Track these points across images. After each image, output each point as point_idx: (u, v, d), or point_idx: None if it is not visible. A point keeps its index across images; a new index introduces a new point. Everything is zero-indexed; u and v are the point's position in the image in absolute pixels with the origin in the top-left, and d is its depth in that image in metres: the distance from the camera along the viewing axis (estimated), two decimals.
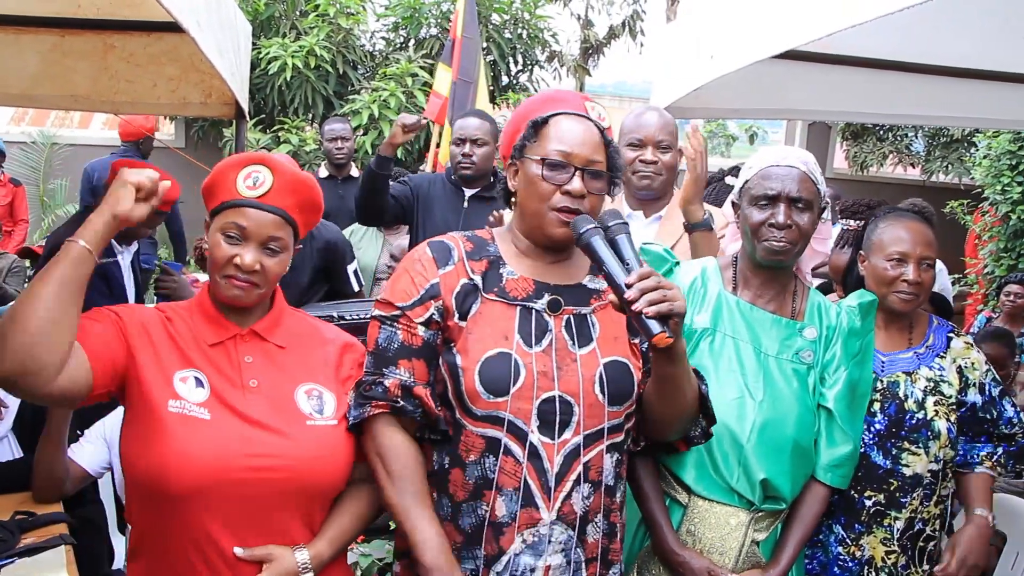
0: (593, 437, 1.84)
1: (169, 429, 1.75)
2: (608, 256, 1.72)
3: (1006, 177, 7.62)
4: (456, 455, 1.84)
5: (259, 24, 8.32)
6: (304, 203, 1.92)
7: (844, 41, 3.26)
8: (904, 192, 9.46)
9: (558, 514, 1.82)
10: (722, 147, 16.28)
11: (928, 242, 2.44)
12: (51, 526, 2.56)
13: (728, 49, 3.02)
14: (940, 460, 2.41)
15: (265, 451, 1.79)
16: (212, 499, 1.76)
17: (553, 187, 1.82)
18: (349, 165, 5.88)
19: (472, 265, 1.89)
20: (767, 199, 2.18)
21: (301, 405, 1.88)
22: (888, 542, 2.39)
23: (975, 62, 3.84)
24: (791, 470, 2.18)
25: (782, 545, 2.21)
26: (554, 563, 1.83)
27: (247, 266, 1.82)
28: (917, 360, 2.48)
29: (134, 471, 1.80)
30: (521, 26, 8.95)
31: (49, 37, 4.03)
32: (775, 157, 2.23)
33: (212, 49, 3.08)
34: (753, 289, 2.27)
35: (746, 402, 2.16)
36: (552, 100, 1.91)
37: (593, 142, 1.85)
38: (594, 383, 1.84)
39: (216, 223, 1.86)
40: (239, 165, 1.87)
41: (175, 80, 4.20)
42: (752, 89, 3.74)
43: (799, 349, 2.23)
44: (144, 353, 1.81)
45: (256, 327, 1.92)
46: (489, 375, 1.79)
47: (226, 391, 1.83)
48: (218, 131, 8.69)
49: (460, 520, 1.84)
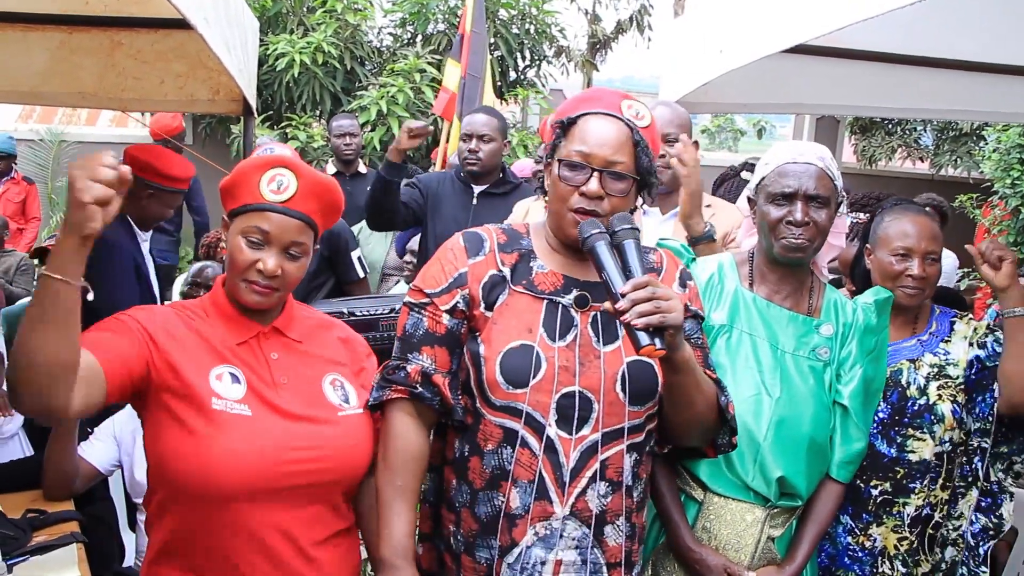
0: (612, 436, 1.84)
1: (217, 427, 1.74)
2: (609, 262, 1.70)
3: (1016, 171, 7.59)
4: (475, 443, 1.86)
5: (266, 20, 8.32)
6: (327, 207, 1.91)
7: (852, 35, 3.25)
8: (913, 186, 9.43)
9: (572, 509, 1.82)
10: (730, 142, 16.25)
11: (933, 236, 2.43)
12: (62, 524, 2.58)
13: (736, 43, 3.00)
14: (947, 442, 2.40)
15: (307, 444, 1.81)
16: (260, 495, 1.76)
17: (571, 188, 1.82)
18: (357, 161, 5.88)
19: (503, 257, 1.90)
20: (784, 196, 2.17)
21: (330, 397, 1.90)
22: (899, 529, 2.39)
23: (984, 55, 3.81)
24: (807, 467, 2.17)
25: (797, 542, 2.21)
26: (566, 558, 1.83)
27: (269, 271, 1.81)
28: (921, 347, 2.48)
29: (176, 472, 1.76)
30: (529, 21, 8.93)
31: (57, 34, 4.04)
32: (792, 153, 2.21)
33: (220, 45, 3.09)
34: (770, 285, 2.27)
35: (763, 399, 2.16)
36: (586, 100, 1.90)
37: (617, 143, 1.82)
38: (616, 381, 1.83)
39: (237, 225, 1.84)
40: (263, 167, 1.84)
41: (183, 77, 4.21)
42: (760, 83, 3.72)
43: (816, 346, 2.22)
44: (178, 353, 1.79)
45: (276, 324, 1.92)
46: (510, 366, 1.80)
47: (261, 387, 1.83)
48: (226, 128, 8.69)
49: (476, 508, 1.85)
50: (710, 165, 9.63)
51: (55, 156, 10.07)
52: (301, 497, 1.81)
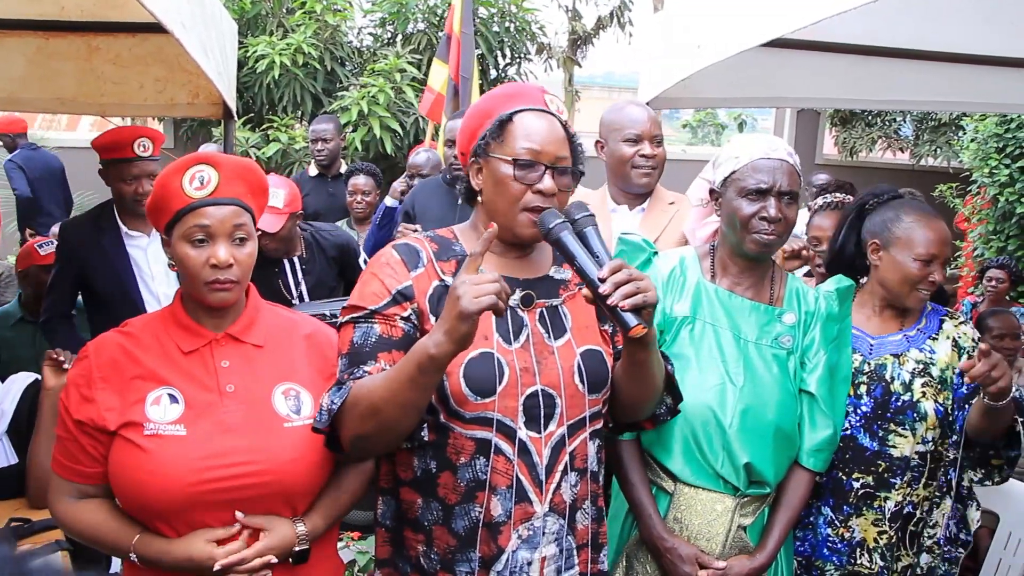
0: (576, 426, 1.85)
1: (144, 452, 1.77)
2: (579, 250, 1.71)
3: (993, 160, 7.66)
4: (445, 458, 1.81)
5: (246, 22, 8.29)
6: (253, 187, 1.91)
7: (831, 28, 3.26)
8: (894, 177, 9.48)
9: (550, 505, 1.82)
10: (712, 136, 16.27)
11: (949, 241, 2.44)
12: (47, 532, 2.56)
13: (716, 38, 3.02)
14: (929, 442, 2.41)
15: (243, 459, 1.80)
16: (198, 511, 1.79)
17: (524, 187, 1.79)
18: (337, 163, 5.86)
19: (441, 266, 1.86)
20: (759, 192, 2.18)
21: (278, 407, 1.88)
22: (880, 523, 2.40)
23: (962, 47, 3.84)
24: (774, 454, 2.20)
25: (768, 530, 2.24)
26: (548, 553, 1.83)
27: (223, 262, 1.81)
28: (907, 343, 2.48)
29: (120, 497, 1.85)
30: (509, 19, 8.93)
31: (34, 40, 4.01)
32: (764, 148, 2.22)
33: (197, 49, 3.07)
34: (732, 277, 2.29)
35: (727, 388, 2.18)
36: (514, 96, 1.87)
37: (559, 138, 1.82)
38: (573, 374, 1.84)
39: (177, 233, 1.83)
40: (179, 171, 1.83)
41: (162, 81, 4.18)
42: (740, 78, 3.74)
43: (778, 335, 2.25)
44: (113, 399, 1.82)
45: (231, 330, 1.91)
46: (474, 376, 1.77)
47: (202, 401, 1.84)
48: (207, 131, 8.66)
49: (453, 523, 1.81)
50: (692, 160, 9.67)
51: None
52: (247, 509, 1.82)
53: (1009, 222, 7.69)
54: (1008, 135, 7.56)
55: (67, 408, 1.84)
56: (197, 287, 1.84)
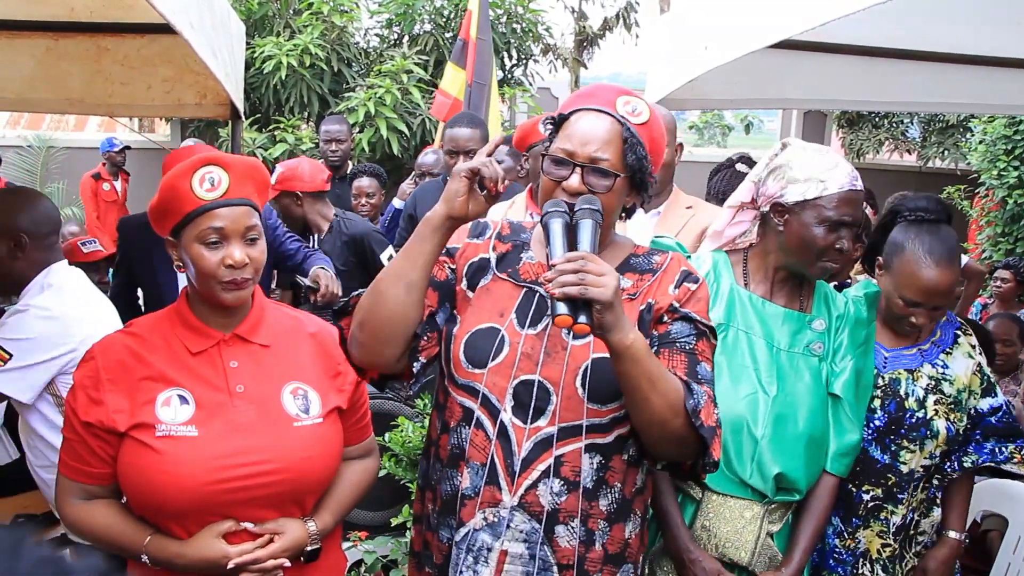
0: (569, 431, 1.79)
1: (159, 452, 1.78)
2: (556, 238, 1.70)
3: (1002, 162, 7.65)
4: (444, 421, 1.88)
5: (253, 23, 8.31)
6: (260, 185, 1.92)
7: (839, 29, 3.26)
8: (901, 179, 9.48)
9: (520, 501, 1.79)
10: (718, 137, 16.29)
11: (949, 291, 2.33)
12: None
13: (723, 40, 3.01)
14: (935, 456, 2.40)
15: (256, 459, 1.82)
16: (212, 511, 1.80)
17: (554, 183, 1.81)
18: (346, 165, 5.87)
19: (497, 244, 1.93)
20: (842, 225, 2.14)
21: (287, 407, 1.89)
22: (884, 535, 2.39)
23: (970, 48, 3.83)
24: (805, 463, 2.17)
25: (795, 540, 2.20)
26: (512, 550, 1.80)
27: (239, 262, 1.81)
28: (921, 357, 2.44)
29: (131, 498, 1.85)
30: (515, 20, 8.94)
31: (43, 41, 4.03)
32: (848, 176, 2.16)
33: (205, 50, 3.08)
34: (768, 284, 2.26)
35: (759, 398, 2.15)
36: (583, 96, 1.89)
37: (603, 139, 1.80)
38: (576, 375, 1.80)
39: (189, 235, 1.82)
40: (188, 173, 1.82)
41: (169, 82, 4.20)
42: (747, 79, 3.73)
43: (809, 342, 2.22)
44: (123, 400, 1.82)
45: (239, 330, 1.92)
46: (473, 346, 1.82)
47: (212, 402, 1.84)
48: (214, 131, 8.68)
49: (443, 485, 1.86)
50: (699, 161, 9.65)
51: (43, 162, 10.04)
52: (259, 508, 1.83)
53: (1018, 224, 7.67)
54: (1017, 137, 7.54)
55: (74, 410, 1.84)
56: (212, 287, 1.84)
